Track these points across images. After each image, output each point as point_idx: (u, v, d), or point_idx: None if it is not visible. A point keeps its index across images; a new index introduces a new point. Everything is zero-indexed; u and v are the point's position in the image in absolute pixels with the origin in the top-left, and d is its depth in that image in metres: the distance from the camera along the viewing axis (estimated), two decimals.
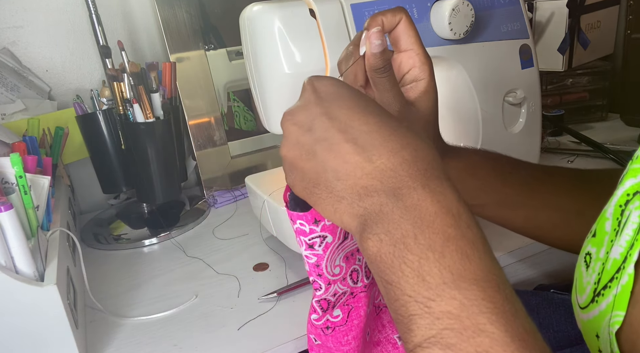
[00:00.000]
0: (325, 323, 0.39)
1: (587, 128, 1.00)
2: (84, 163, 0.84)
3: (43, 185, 0.55)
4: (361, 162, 0.29)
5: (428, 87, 0.43)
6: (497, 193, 0.47)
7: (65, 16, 0.83)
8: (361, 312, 0.39)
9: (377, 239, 0.27)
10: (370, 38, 0.40)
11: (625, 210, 0.29)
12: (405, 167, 0.28)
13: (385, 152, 0.28)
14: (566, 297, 0.55)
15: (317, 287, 0.37)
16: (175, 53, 0.83)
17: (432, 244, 0.26)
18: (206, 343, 0.50)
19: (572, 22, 0.95)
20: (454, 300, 0.24)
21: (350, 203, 0.29)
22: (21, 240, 0.46)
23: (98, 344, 0.52)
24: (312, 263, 0.36)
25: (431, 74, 0.43)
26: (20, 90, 0.80)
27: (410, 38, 0.42)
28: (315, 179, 0.31)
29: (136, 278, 0.65)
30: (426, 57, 0.42)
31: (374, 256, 0.27)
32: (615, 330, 0.27)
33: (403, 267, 0.26)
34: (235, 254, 0.68)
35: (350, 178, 0.29)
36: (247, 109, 0.95)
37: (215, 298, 0.58)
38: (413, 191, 0.27)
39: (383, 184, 0.28)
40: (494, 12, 0.64)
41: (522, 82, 0.67)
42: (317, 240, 0.35)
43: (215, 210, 0.84)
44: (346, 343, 0.39)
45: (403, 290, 0.26)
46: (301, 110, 0.32)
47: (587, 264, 0.32)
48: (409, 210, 0.27)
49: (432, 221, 0.26)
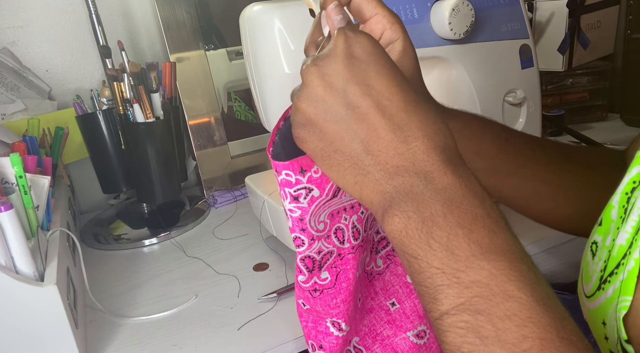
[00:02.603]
0: (313, 286, 0.38)
1: (587, 128, 1.00)
2: (84, 163, 0.84)
3: (43, 185, 0.55)
4: (395, 141, 0.29)
5: (405, 45, 0.41)
6: (492, 159, 0.47)
7: (65, 16, 0.83)
8: (349, 275, 0.39)
9: (405, 216, 0.28)
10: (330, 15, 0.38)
11: (631, 198, 0.29)
12: (438, 152, 0.29)
13: (421, 136, 0.29)
14: (566, 297, 0.55)
15: (299, 243, 0.36)
16: (175, 53, 0.83)
17: (461, 222, 0.27)
18: (206, 343, 0.50)
19: (572, 22, 0.95)
20: (483, 270, 0.26)
21: (377, 180, 0.29)
22: (21, 240, 0.46)
23: (98, 344, 0.52)
24: (296, 217, 0.35)
25: (404, 31, 0.41)
26: (20, 90, 0.80)
27: (370, 2, 0.40)
28: (339, 145, 0.30)
29: (136, 278, 0.65)
30: (394, 16, 0.40)
31: (398, 231, 0.28)
32: (623, 315, 0.27)
33: (431, 242, 0.27)
34: (235, 254, 0.68)
35: (382, 155, 0.29)
36: (248, 108, 0.95)
37: (215, 298, 0.58)
38: (444, 175, 0.28)
39: (415, 166, 0.28)
40: (494, 12, 0.64)
41: (522, 82, 0.67)
42: (303, 191, 0.34)
43: (215, 210, 0.84)
44: (335, 306, 0.39)
45: (430, 263, 0.27)
46: (332, 64, 0.30)
47: (594, 253, 0.32)
48: (439, 193, 0.28)
49: (461, 202, 0.27)
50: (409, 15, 0.59)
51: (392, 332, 0.43)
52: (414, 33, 0.59)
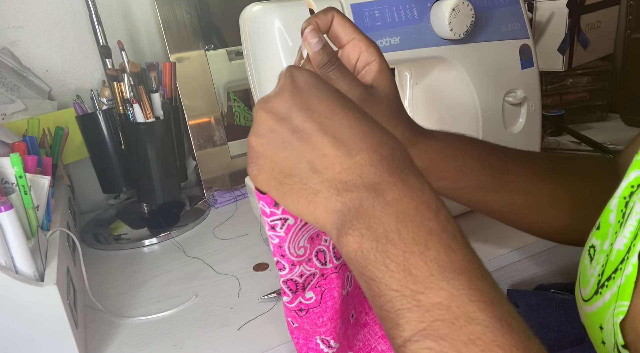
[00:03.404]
0: (298, 306, 0.39)
1: (587, 128, 1.00)
2: (84, 163, 0.84)
3: (43, 185, 0.55)
4: (340, 156, 0.28)
5: (380, 66, 0.43)
6: (477, 175, 0.47)
7: (65, 16, 0.83)
8: (334, 294, 0.39)
9: (358, 235, 0.27)
10: (307, 38, 0.41)
11: (629, 202, 0.29)
12: (384, 163, 0.28)
13: (365, 148, 0.28)
14: (566, 297, 0.55)
15: (280, 267, 0.37)
16: (175, 53, 0.83)
17: (416, 237, 0.26)
18: (206, 343, 0.50)
19: (572, 22, 0.95)
20: (443, 291, 0.25)
21: (327, 198, 0.29)
22: (21, 240, 0.46)
23: (98, 344, 0.52)
24: (275, 244, 0.36)
25: (380, 54, 0.43)
26: (20, 90, 0.80)
27: (347, 29, 0.43)
28: (289, 170, 0.30)
29: (136, 278, 0.65)
30: (369, 41, 0.43)
31: (354, 252, 0.27)
32: (620, 320, 0.27)
33: (387, 262, 0.26)
34: (235, 254, 0.68)
35: (328, 172, 0.29)
36: (248, 108, 0.95)
37: (215, 298, 0.58)
38: (393, 186, 0.28)
39: (363, 179, 0.28)
40: (494, 12, 0.64)
41: (522, 82, 0.67)
42: (279, 222, 0.35)
43: (215, 210, 0.84)
44: (322, 324, 0.39)
45: (388, 285, 0.26)
46: (278, 99, 0.31)
47: (591, 257, 0.32)
48: (390, 205, 0.27)
49: (414, 215, 0.27)
50: (409, 15, 0.59)
51: (386, 347, 0.44)
52: (414, 33, 0.59)
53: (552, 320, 0.54)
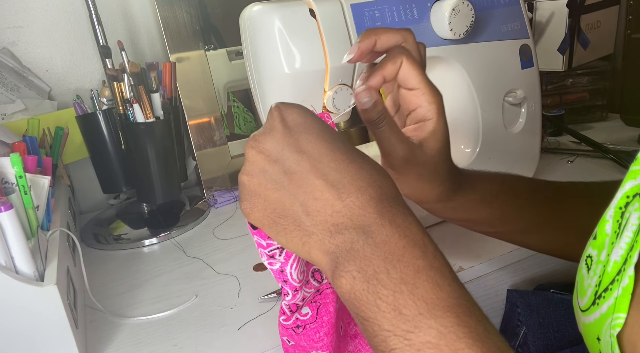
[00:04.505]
0: (295, 323, 0.39)
1: (587, 128, 1.00)
2: (84, 163, 0.84)
3: (43, 185, 0.55)
4: (331, 199, 0.29)
5: (436, 127, 0.41)
6: (513, 222, 0.48)
7: (65, 16, 0.83)
8: (330, 308, 0.39)
9: (350, 276, 0.28)
10: (358, 97, 0.39)
11: (625, 212, 0.29)
12: (372, 204, 0.29)
13: (354, 191, 0.29)
14: (566, 297, 0.55)
15: (285, 293, 0.37)
16: (175, 53, 0.83)
17: (405, 277, 0.27)
18: (206, 343, 0.50)
19: (572, 22, 0.95)
20: (432, 329, 0.25)
21: (320, 240, 0.29)
22: (21, 240, 0.46)
23: (98, 344, 0.52)
24: (277, 269, 0.36)
25: (439, 113, 0.41)
26: (20, 90, 0.80)
27: (414, 78, 0.40)
28: (282, 211, 0.31)
29: (136, 278, 0.65)
30: (433, 96, 0.41)
31: (347, 293, 0.28)
32: (617, 332, 0.27)
33: (378, 303, 0.27)
34: (235, 254, 0.68)
35: (320, 215, 0.29)
36: (247, 109, 0.95)
37: (215, 298, 0.58)
38: (382, 227, 0.28)
39: (353, 222, 0.29)
40: (494, 12, 0.64)
41: (522, 82, 0.67)
42: (277, 251, 0.36)
43: (215, 210, 0.84)
44: (319, 340, 0.39)
45: (381, 326, 0.26)
46: (268, 138, 0.32)
47: (588, 267, 0.32)
48: (379, 246, 0.28)
49: (402, 255, 0.27)
50: (408, 15, 0.59)
51: None
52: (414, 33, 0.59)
53: (552, 320, 0.54)
